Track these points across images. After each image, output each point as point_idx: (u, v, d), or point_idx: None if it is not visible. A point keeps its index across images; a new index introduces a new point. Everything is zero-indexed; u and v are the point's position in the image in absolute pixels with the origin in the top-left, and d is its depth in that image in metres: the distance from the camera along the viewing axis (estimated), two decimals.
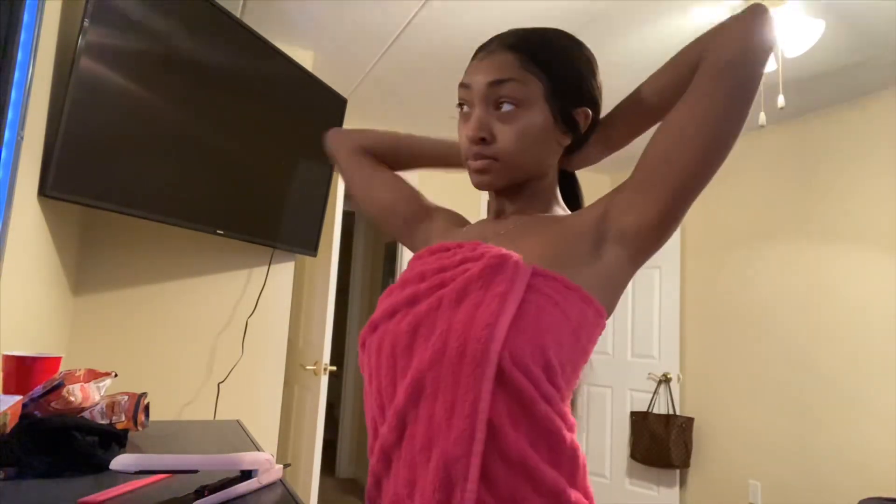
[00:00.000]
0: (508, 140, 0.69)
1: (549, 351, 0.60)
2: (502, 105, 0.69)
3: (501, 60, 0.70)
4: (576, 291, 0.63)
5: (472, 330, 0.59)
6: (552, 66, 0.70)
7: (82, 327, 1.95)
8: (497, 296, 0.60)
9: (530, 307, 0.60)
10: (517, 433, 0.59)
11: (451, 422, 0.58)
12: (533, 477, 0.59)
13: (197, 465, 0.78)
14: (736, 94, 0.63)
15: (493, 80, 0.69)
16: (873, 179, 2.73)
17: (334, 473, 4.38)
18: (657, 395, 3.57)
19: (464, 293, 0.63)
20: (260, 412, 2.28)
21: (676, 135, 0.64)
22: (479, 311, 0.60)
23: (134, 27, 1.58)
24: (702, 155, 0.63)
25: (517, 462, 0.58)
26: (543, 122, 0.70)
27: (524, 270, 0.62)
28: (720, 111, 0.63)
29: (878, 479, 2.55)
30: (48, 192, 1.38)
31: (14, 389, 1.03)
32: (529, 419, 0.59)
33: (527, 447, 0.59)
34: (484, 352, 0.58)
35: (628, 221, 0.66)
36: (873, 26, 2.21)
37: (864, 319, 2.70)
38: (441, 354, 0.60)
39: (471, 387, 0.58)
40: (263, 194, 2.14)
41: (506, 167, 0.70)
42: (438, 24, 2.35)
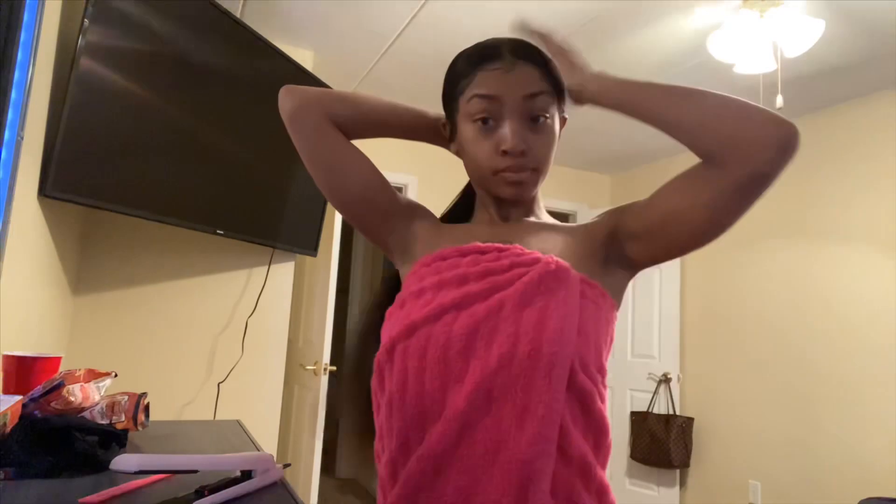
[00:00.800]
0: (543, 151, 0.73)
1: (601, 354, 0.66)
2: (538, 118, 0.72)
3: (530, 74, 0.72)
4: (606, 298, 0.69)
5: (545, 334, 0.60)
6: (558, 78, 0.75)
7: (82, 327, 1.95)
8: (562, 302, 0.63)
9: (586, 312, 0.64)
10: (578, 432, 0.62)
11: (523, 425, 0.59)
12: (587, 474, 0.62)
13: (197, 465, 0.78)
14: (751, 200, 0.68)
15: (529, 94, 0.71)
16: (873, 179, 2.73)
17: (334, 473, 4.37)
18: (657, 395, 3.57)
19: (527, 298, 0.64)
20: (260, 412, 2.28)
21: (688, 211, 0.66)
22: (547, 316, 0.62)
23: (134, 27, 1.58)
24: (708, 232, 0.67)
25: (577, 461, 0.61)
26: (557, 132, 0.76)
27: (575, 278, 0.66)
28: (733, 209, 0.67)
29: (878, 479, 2.55)
30: (48, 192, 1.38)
31: (14, 389, 1.03)
32: (587, 418, 0.63)
33: (584, 445, 0.62)
34: (558, 356, 0.60)
35: (635, 254, 0.72)
36: (873, 26, 2.21)
37: (864, 319, 2.70)
38: (510, 358, 0.60)
39: (545, 389, 0.59)
40: (263, 194, 2.14)
41: (540, 177, 0.74)
42: (438, 24, 2.35)
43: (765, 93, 2.58)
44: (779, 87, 2.29)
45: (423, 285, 0.70)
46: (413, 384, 0.64)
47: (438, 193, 3.72)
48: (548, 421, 0.58)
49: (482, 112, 0.72)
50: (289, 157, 2.21)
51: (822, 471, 2.79)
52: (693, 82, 2.78)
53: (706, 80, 2.70)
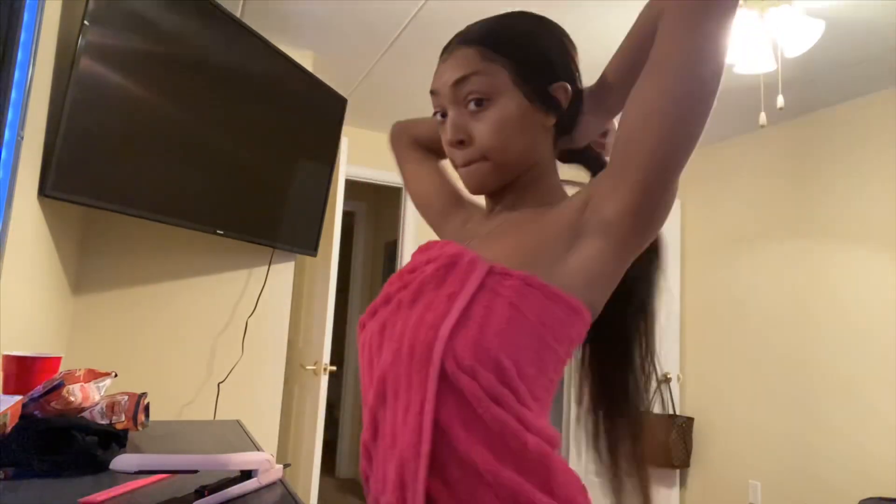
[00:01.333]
0: (488, 136, 0.66)
1: (500, 352, 0.58)
2: (471, 102, 0.67)
3: (461, 56, 0.68)
4: (539, 289, 0.60)
5: (420, 331, 0.59)
6: (514, 48, 0.67)
7: (82, 327, 1.95)
8: (446, 296, 0.60)
9: (478, 307, 0.59)
10: (469, 434, 0.57)
11: (407, 420, 0.59)
12: (488, 480, 0.57)
13: (197, 465, 0.78)
14: (695, 63, 0.57)
15: (457, 79, 0.67)
16: (873, 179, 2.73)
17: (334, 473, 4.38)
18: (657, 395, 3.56)
19: (418, 294, 0.64)
20: (260, 412, 2.28)
21: (640, 114, 0.59)
22: (427, 312, 0.60)
23: (134, 27, 1.58)
24: (669, 133, 0.58)
25: (470, 464, 0.57)
26: (518, 108, 0.67)
27: (479, 269, 0.61)
28: (680, 82, 0.57)
29: (878, 479, 2.55)
30: (48, 192, 1.38)
31: (14, 389, 1.03)
32: (481, 421, 0.57)
33: (482, 449, 0.57)
34: (427, 354, 0.58)
35: (608, 209, 0.61)
36: (873, 26, 2.21)
37: (864, 319, 2.70)
38: (398, 356, 0.61)
39: (419, 388, 0.58)
40: (263, 194, 2.14)
41: (497, 166, 0.68)
42: (438, 24, 2.35)
43: (765, 93, 2.58)
44: (779, 87, 2.29)
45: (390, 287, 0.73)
46: (363, 376, 0.69)
47: None
48: (419, 419, 0.57)
49: (434, 107, 0.72)
50: (289, 157, 2.22)
51: (822, 471, 2.79)
52: None
53: None
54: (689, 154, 0.59)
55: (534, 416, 0.59)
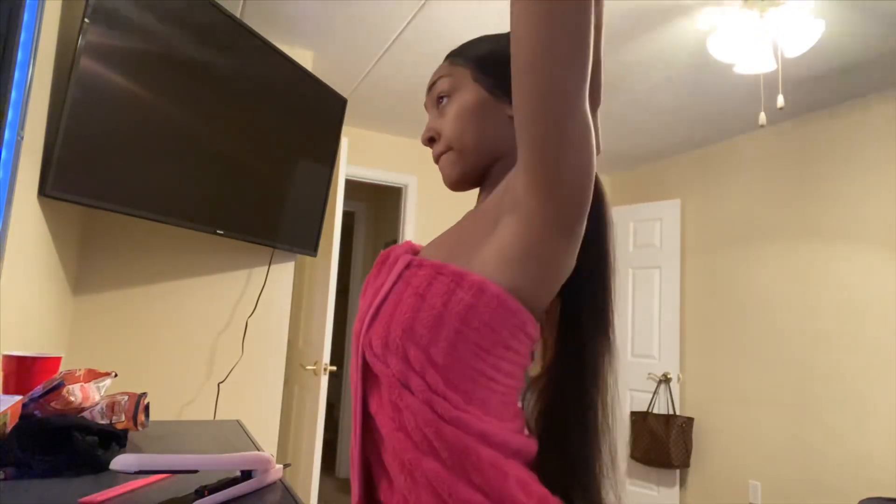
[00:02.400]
0: (447, 126, 0.73)
1: (405, 340, 0.59)
2: (441, 101, 0.75)
3: (436, 71, 0.77)
4: (448, 276, 0.60)
5: (356, 324, 0.66)
6: (474, 52, 0.74)
7: (82, 327, 1.95)
8: (373, 291, 0.67)
9: (391, 299, 0.63)
10: (393, 423, 0.60)
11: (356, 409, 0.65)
12: (409, 468, 0.58)
13: (197, 465, 0.78)
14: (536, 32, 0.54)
15: (429, 86, 0.76)
16: (873, 179, 2.73)
17: (334, 473, 4.38)
18: (657, 395, 3.57)
19: (365, 290, 0.71)
20: (260, 412, 2.28)
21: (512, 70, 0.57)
22: (364, 306, 0.68)
23: (134, 27, 1.58)
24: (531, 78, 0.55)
25: (394, 452, 0.60)
26: (476, 99, 0.72)
27: (399, 263, 0.66)
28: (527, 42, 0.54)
29: (878, 479, 2.55)
30: (48, 192, 1.38)
31: (14, 389, 1.03)
32: (399, 410, 0.59)
33: (402, 438, 0.58)
34: (356, 342, 0.64)
35: (517, 185, 0.60)
36: (873, 26, 2.21)
37: (864, 319, 2.70)
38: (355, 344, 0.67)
39: (354, 371, 0.65)
40: (263, 194, 2.14)
41: (458, 154, 0.72)
42: (438, 24, 2.35)
43: (765, 93, 2.58)
44: (779, 87, 2.29)
45: None
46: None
47: (438, 193, 3.73)
48: (355, 400, 0.64)
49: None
50: (289, 157, 2.22)
51: (822, 471, 2.79)
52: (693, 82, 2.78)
53: (706, 80, 2.70)
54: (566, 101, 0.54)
55: (451, 407, 0.58)
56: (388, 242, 4.53)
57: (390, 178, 3.65)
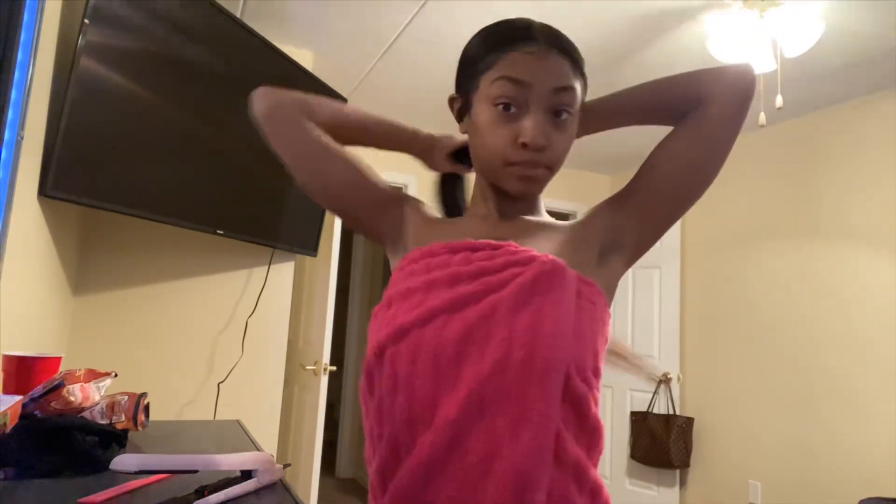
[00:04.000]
0: (562, 149, 0.69)
1: (598, 356, 0.64)
2: (561, 113, 0.67)
3: (560, 65, 0.67)
4: (602, 296, 0.67)
5: (539, 339, 0.58)
6: (585, 75, 0.72)
7: (82, 327, 1.95)
8: (556, 303, 0.60)
9: (583, 314, 0.63)
10: (571, 436, 0.61)
11: (518, 433, 0.56)
12: (581, 477, 0.61)
13: (197, 465, 0.78)
14: (733, 138, 0.71)
15: (559, 87, 0.66)
16: (873, 179, 2.73)
17: (334, 473, 4.38)
18: (657, 395, 3.57)
19: (521, 300, 0.61)
20: (260, 412, 2.28)
21: (685, 169, 0.71)
22: (541, 318, 0.59)
23: (134, 27, 1.58)
24: (703, 186, 0.71)
25: (571, 465, 0.60)
26: (576, 129, 0.73)
27: (571, 277, 0.63)
28: (721, 151, 0.70)
29: (878, 479, 2.55)
30: (48, 192, 1.38)
31: (14, 389, 1.03)
32: (582, 422, 0.62)
33: (578, 449, 0.61)
34: (553, 361, 0.58)
35: (632, 238, 0.72)
36: (873, 27, 2.21)
37: (864, 319, 2.70)
38: (504, 364, 0.58)
39: (539, 398, 0.57)
40: (263, 194, 2.14)
41: (552, 175, 0.71)
42: (438, 24, 2.35)
43: (765, 93, 2.58)
44: (779, 87, 2.29)
45: (411, 285, 0.66)
46: (404, 390, 0.61)
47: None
48: (543, 429, 0.56)
49: (505, 97, 0.66)
50: None
51: (822, 471, 2.79)
52: None
53: None
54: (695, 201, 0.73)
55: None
56: None
57: (390, 178, 3.65)
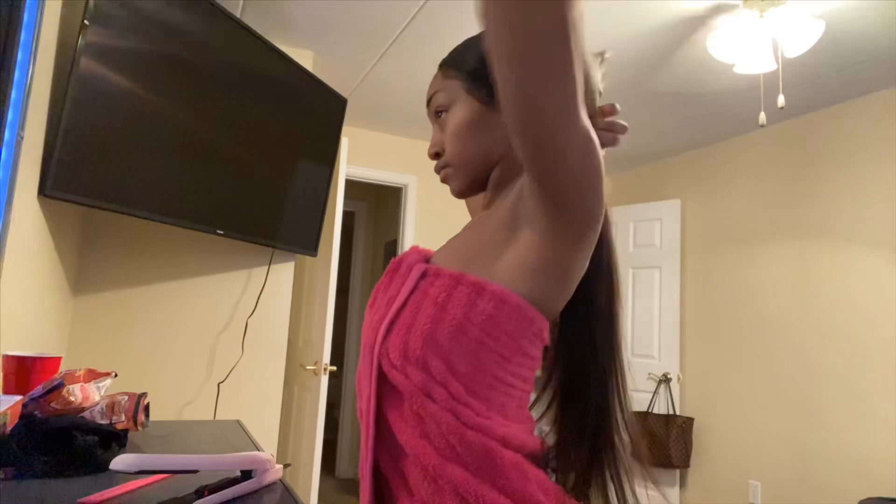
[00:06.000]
0: (448, 143, 0.74)
1: (426, 350, 0.59)
2: (440, 114, 0.75)
3: (432, 80, 0.77)
4: (467, 286, 0.60)
5: (368, 334, 0.66)
6: (463, 62, 0.73)
7: (82, 327, 1.95)
8: (387, 300, 0.67)
9: (408, 309, 0.63)
10: (410, 430, 0.61)
11: (366, 419, 0.64)
12: (432, 474, 0.59)
13: (197, 465, 0.78)
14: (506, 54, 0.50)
15: (427, 101, 0.77)
16: (873, 179, 2.73)
17: (334, 473, 4.38)
18: (657, 395, 3.57)
19: (374, 299, 0.71)
20: (260, 412, 2.28)
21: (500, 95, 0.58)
22: (375, 315, 0.67)
23: (134, 27, 1.58)
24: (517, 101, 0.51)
25: (415, 459, 0.60)
26: (471, 113, 0.72)
27: (414, 272, 0.66)
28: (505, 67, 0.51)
29: (878, 479, 2.55)
30: (48, 192, 1.38)
31: (14, 389, 1.03)
32: (419, 418, 0.60)
33: (424, 444, 0.59)
34: (370, 354, 0.64)
35: (530, 199, 0.60)
36: (873, 27, 2.21)
37: (864, 319, 2.70)
38: (361, 356, 0.67)
39: (366, 384, 0.64)
40: (263, 194, 2.14)
41: (457, 169, 0.74)
42: (438, 24, 2.35)
43: (765, 93, 2.58)
44: (779, 87, 2.29)
45: None
46: None
47: (438, 193, 3.73)
48: (366, 416, 0.63)
49: None
50: (289, 157, 2.22)
51: (822, 471, 2.79)
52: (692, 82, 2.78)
53: (706, 80, 2.70)
54: (558, 115, 0.51)
55: (474, 414, 0.59)
56: (388, 242, 4.53)
57: (390, 178, 3.65)
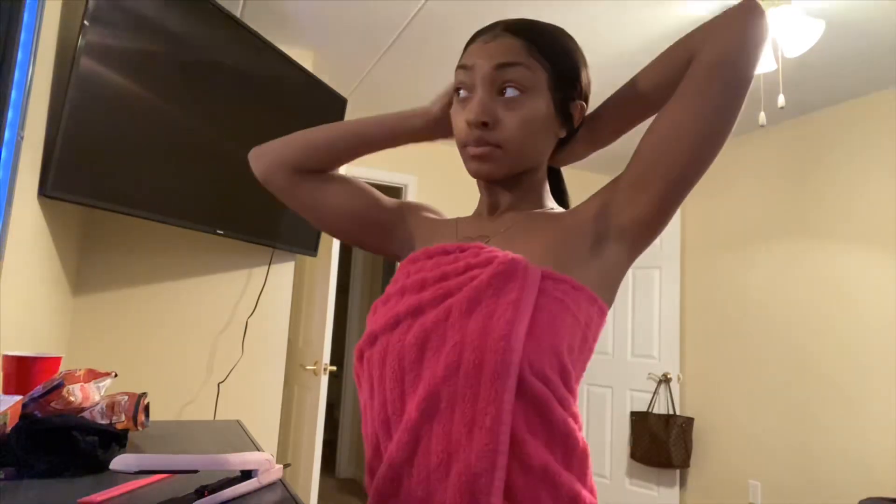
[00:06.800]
0: (513, 127, 0.66)
1: (564, 356, 0.60)
2: (506, 90, 0.67)
3: (508, 45, 0.68)
4: (582, 291, 0.63)
5: (489, 341, 0.57)
6: (555, 55, 0.69)
7: (82, 327, 1.95)
8: (510, 304, 0.59)
9: (543, 313, 0.59)
10: (536, 440, 0.58)
11: (472, 435, 0.57)
12: (552, 483, 0.58)
13: (197, 465, 0.78)
14: (729, 92, 0.62)
15: (501, 63, 0.67)
16: (873, 179, 2.73)
17: (334, 473, 4.38)
18: (657, 395, 3.57)
19: (475, 302, 0.61)
20: (260, 412, 2.28)
21: (671, 131, 0.63)
22: (493, 321, 0.58)
23: (134, 27, 1.58)
24: (697, 151, 0.63)
25: (538, 469, 0.58)
26: (546, 112, 0.68)
27: (534, 275, 0.61)
28: (713, 108, 0.62)
29: (878, 479, 2.55)
30: (48, 192, 1.38)
31: (14, 389, 1.03)
32: (547, 425, 0.59)
33: (546, 453, 0.59)
34: (503, 363, 0.56)
35: (627, 218, 0.65)
36: (872, 26, 2.21)
37: (864, 319, 2.70)
38: (456, 367, 0.58)
39: (491, 399, 0.56)
40: (264, 194, 2.11)
41: (508, 156, 0.68)
42: (438, 24, 2.35)
43: (765, 93, 2.58)
44: (779, 87, 2.29)
45: (391, 290, 0.71)
46: (378, 392, 0.65)
47: (438, 193, 3.72)
48: (495, 432, 0.56)
49: (458, 83, 0.70)
50: None
51: (822, 471, 2.79)
52: None
53: None
54: (704, 172, 0.65)
55: (578, 413, 0.63)
56: None
57: (390, 178, 3.65)
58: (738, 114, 0.63)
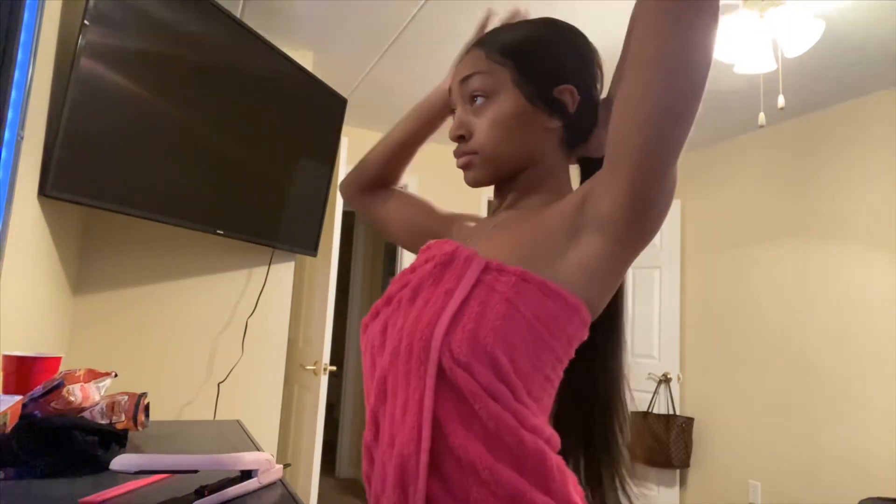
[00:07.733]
0: (481, 131, 0.70)
1: (495, 347, 0.57)
2: (476, 99, 0.71)
3: (470, 57, 0.72)
4: (535, 284, 0.60)
5: (417, 329, 0.60)
6: (519, 51, 0.70)
7: (82, 327, 1.95)
8: (442, 293, 0.61)
9: (474, 303, 0.59)
10: (466, 431, 0.57)
11: (405, 419, 0.59)
12: (485, 478, 0.56)
13: (197, 465, 0.78)
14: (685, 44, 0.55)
15: (464, 77, 0.72)
16: (873, 179, 2.73)
17: (334, 473, 4.38)
18: (657, 395, 3.57)
19: (417, 292, 0.65)
20: (260, 412, 2.28)
21: (624, 106, 0.58)
22: (426, 308, 0.61)
23: (134, 27, 1.58)
24: (654, 124, 0.56)
25: (467, 462, 0.57)
26: (515, 107, 0.69)
27: (475, 266, 0.62)
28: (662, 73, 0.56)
29: (878, 479, 2.55)
30: (48, 192, 1.38)
31: (14, 389, 1.03)
32: (478, 418, 0.57)
33: (479, 446, 0.57)
34: (425, 350, 0.58)
35: (604, 206, 0.60)
36: (873, 27, 2.21)
37: (864, 319, 2.70)
38: (396, 354, 0.61)
39: (417, 385, 0.59)
40: (263, 194, 2.14)
41: (486, 159, 0.70)
42: (438, 24, 2.35)
43: (765, 93, 2.58)
44: (779, 87, 2.29)
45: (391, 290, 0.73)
46: (367, 377, 0.70)
47: (439, 193, 3.71)
48: (419, 417, 0.58)
49: (451, 106, 0.76)
50: (289, 157, 2.22)
51: (822, 471, 2.79)
52: None
53: None
54: (678, 150, 0.57)
55: (530, 414, 0.59)
56: (388, 242, 4.53)
57: None
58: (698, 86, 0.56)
